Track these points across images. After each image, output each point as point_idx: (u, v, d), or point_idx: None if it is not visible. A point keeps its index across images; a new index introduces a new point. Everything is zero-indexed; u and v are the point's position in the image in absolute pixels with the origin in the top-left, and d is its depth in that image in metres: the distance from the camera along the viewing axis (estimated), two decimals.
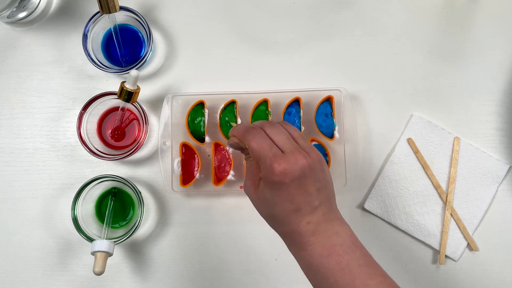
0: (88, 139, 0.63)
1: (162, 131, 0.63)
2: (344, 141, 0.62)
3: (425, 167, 0.63)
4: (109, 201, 0.63)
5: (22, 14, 0.65)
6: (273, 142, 0.44)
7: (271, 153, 0.43)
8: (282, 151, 0.43)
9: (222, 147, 0.63)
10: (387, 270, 0.62)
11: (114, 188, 0.64)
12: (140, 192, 0.61)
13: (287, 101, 0.62)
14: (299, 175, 0.42)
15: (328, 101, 0.63)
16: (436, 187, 0.63)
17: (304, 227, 0.44)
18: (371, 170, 0.64)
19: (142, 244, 0.64)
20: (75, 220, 0.60)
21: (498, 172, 0.62)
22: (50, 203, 0.65)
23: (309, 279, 0.45)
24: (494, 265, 0.62)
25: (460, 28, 0.65)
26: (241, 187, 0.63)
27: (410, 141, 0.63)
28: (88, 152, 0.61)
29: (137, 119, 0.65)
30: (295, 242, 0.45)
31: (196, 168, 0.63)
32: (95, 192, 0.64)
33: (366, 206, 0.63)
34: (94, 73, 0.66)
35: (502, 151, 0.63)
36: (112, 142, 0.65)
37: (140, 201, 0.60)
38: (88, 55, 0.62)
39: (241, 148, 0.48)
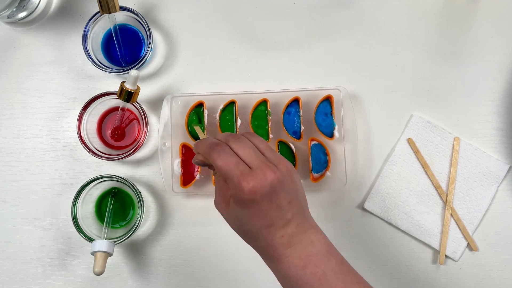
0: (88, 139, 0.63)
1: (162, 131, 0.63)
2: (344, 141, 0.62)
3: (425, 167, 0.63)
4: (109, 201, 0.63)
5: (22, 14, 0.65)
6: (239, 157, 0.43)
7: (239, 171, 0.41)
8: (249, 167, 0.42)
9: None
10: (387, 270, 0.63)
11: (114, 188, 0.64)
12: (140, 192, 0.61)
13: (286, 100, 0.62)
14: (269, 191, 0.41)
15: (328, 100, 0.63)
16: (436, 187, 0.63)
17: (278, 241, 0.43)
18: (371, 170, 0.64)
19: (142, 244, 0.64)
20: (75, 220, 0.60)
21: (498, 172, 0.62)
22: (50, 203, 0.65)
23: None
24: (494, 265, 0.62)
25: (460, 28, 0.65)
26: None
27: (410, 141, 0.63)
28: (88, 152, 0.61)
29: (137, 119, 0.65)
30: (270, 256, 0.44)
31: (196, 169, 0.63)
32: (95, 192, 0.64)
33: (366, 206, 0.63)
34: (94, 73, 0.66)
35: (502, 151, 0.63)
36: (112, 142, 0.65)
37: (140, 201, 0.60)
38: (88, 55, 0.62)
39: (208, 164, 0.47)
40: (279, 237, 0.43)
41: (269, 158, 0.44)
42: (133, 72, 0.57)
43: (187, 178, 0.63)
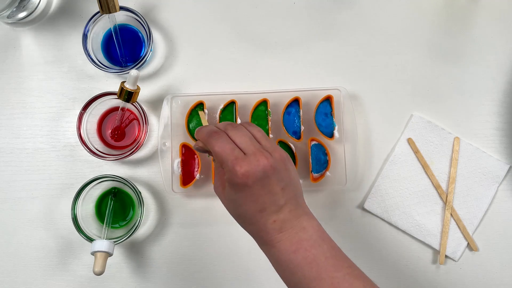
0: (88, 139, 0.63)
1: (162, 131, 0.63)
2: (344, 141, 0.62)
3: (425, 167, 0.63)
4: (109, 201, 0.63)
5: (22, 14, 0.65)
6: (236, 144, 0.45)
7: (233, 156, 0.43)
8: (244, 153, 0.44)
9: None
10: (387, 270, 0.63)
11: (114, 188, 0.64)
12: (140, 192, 0.61)
13: (286, 101, 0.62)
14: (261, 176, 0.43)
15: (328, 100, 0.63)
16: (436, 187, 0.63)
17: (270, 226, 0.45)
18: (371, 170, 0.64)
19: (142, 244, 0.64)
20: (75, 220, 0.60)
21: (498, 172, 0.62)
22: (50, 203, 0.65)
23: (279, 275, 0.46)
24: (494, 265, 0.62)
25: (460, 28, 0.65)
26: None
27: (410, 141, 0.63)
28: (88, 152, 0.61)
29: (137, 119, 0.65)
30: (263, 240, 0.46)
31: (196, 169, 0.63)
32: (95, 192, 0.64)
33: (366, 206, 0.63)
34: (94, 73, 0.66)
35: (502, 151, 0.63)
36: (112, 142, 0.65)
37: (140, 201, 0.60)
38: (88, 55, 0.62)
39: (207, 151, 0.48)
40: (272, 222, 0.45)
41: (264, 146, 0.46)
42: (133, 72, 0.57)
43: (187, 178, 0.63)
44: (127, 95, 0.58)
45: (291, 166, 0.46)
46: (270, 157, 0.44)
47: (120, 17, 0.64)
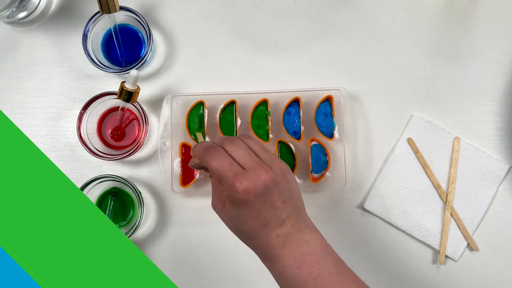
0: (88, 139, 0.63)
1: (162, 131, 0.63)
2: (344, 141, 0.62)
3: (425, 167, 0.63)
4: (109, 201, 0.63)
5: (22, 14, 0.65)
6: (234, 159, 0.44)
7: (232, 172, 0.42)
8: (243, 168, 0.43)
9: None
10: (387, 270, 0.63)
11: (114, 188, 0.64)
12: (140, 192, 0.61)
13: (286, 101, 0.62)
14: (262, 191, 0.42)
15: (328, 101, 0.63)
16: (436, 187, 0.63)
17: (274, 240, 0.44)
18: (371, 170, 0.64)
19: (142, 244, 0.64)
20: None
21: (498, 172, 0.62)
22: None
23: None
24: (494, 265, 0.62)
25: (460, 28, 0.65)
26: None
27: (410, 141, 0.63)
28: (88, 152, 0.61)
29: (137, 119, 0.65)
30: (266, 256, 0.45)
31: None
32: (95, 192, 0.64)
33: (366, 206, 0.63)
34: (94, 73, 0.66)
35: (502, 151, 0.63)
36: (112, 142, 0.65)
37: (140, 201, 0.60)
38: (88, 55, 0.62)
39: (204, 167, 0.47)
40: (275, 237, 0.44)
41: (263, 159, 0.45)
42: (133, 72, 0.57)
43: (186, 178, 0.63)
44: (127, 95, 0.58)
45: (292, 178, 0.45)
46: (270, 170, 0.43)
47: (120, 17, 0.64)
